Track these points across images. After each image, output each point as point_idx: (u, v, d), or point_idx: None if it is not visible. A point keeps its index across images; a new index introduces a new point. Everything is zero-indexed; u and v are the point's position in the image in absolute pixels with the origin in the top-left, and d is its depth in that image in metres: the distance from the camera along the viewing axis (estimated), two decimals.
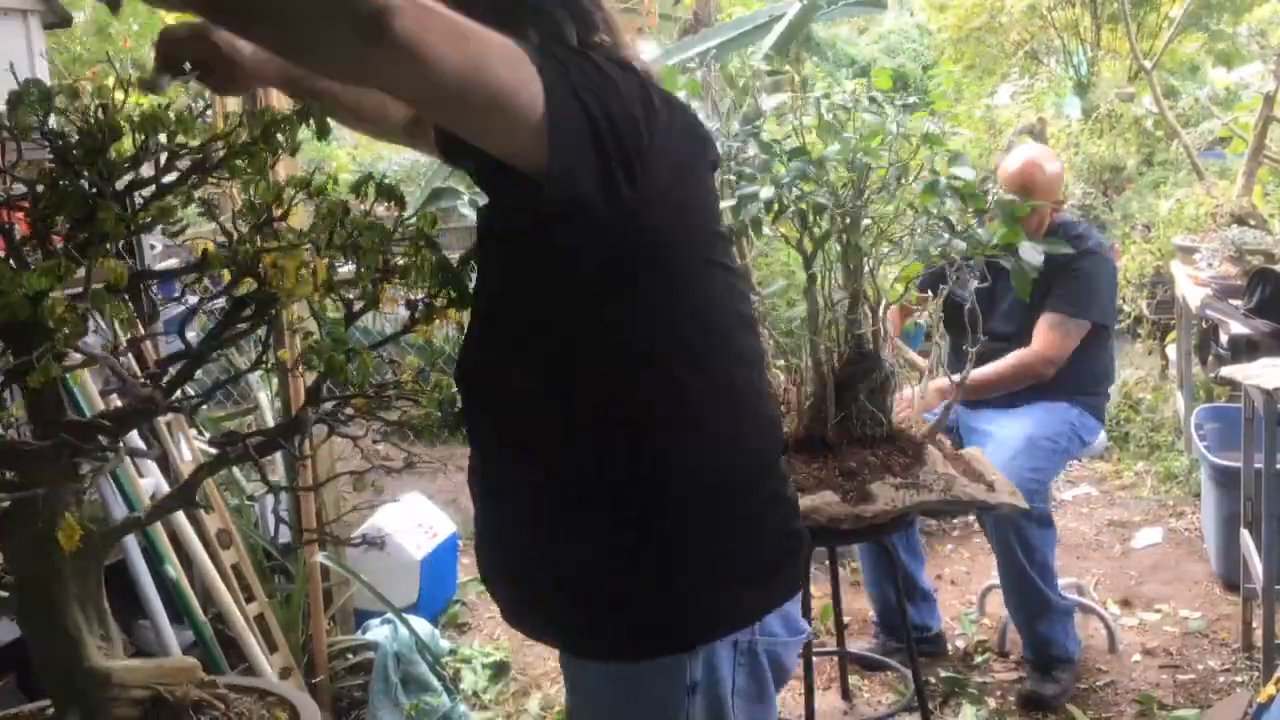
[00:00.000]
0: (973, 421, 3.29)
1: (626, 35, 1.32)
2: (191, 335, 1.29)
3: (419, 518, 3.67)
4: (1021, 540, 3.02)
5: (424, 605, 3.52)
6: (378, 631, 3.08)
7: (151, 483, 2.65)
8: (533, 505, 1.25)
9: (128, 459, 2.52)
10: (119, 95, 1.21)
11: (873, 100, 2.37)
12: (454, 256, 1.33)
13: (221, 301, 1.29)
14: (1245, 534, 3.27)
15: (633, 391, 1.19)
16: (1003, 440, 3.09)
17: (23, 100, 1.12)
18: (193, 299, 1.30)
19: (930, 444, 2.47)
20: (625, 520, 1.21)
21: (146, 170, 1.25)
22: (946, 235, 2.32)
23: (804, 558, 1.88)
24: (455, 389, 1.29)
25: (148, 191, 1.24)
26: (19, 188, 1.21)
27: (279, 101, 2.41)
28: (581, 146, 1.09)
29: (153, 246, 2.87)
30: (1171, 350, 5.62)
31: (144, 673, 1.35)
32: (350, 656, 3.06)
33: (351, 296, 1.30)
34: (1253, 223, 4.90)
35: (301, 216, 1.40)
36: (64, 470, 1.19)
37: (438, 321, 1.30)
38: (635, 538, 1.21)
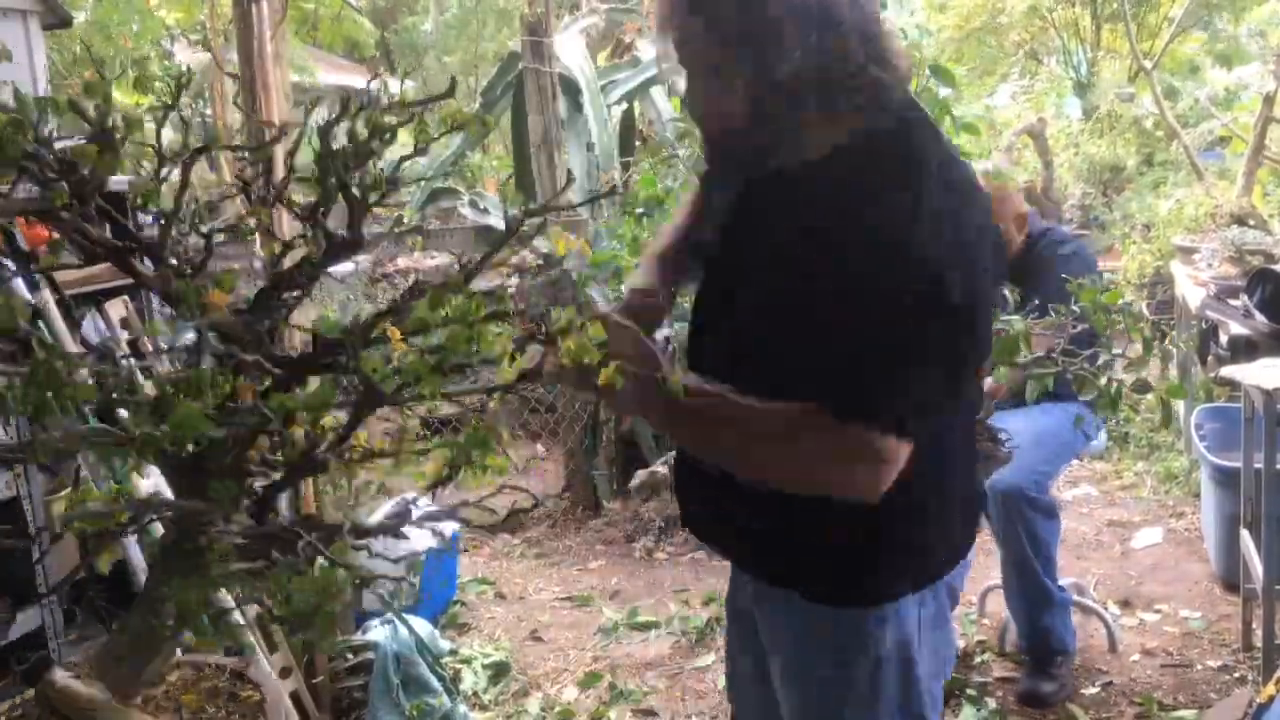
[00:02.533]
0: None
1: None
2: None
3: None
4: (1028, 531, 3.06)
5: (424, 606, 3.53)
6: (378, 632, 3.08)
7: (151, 484, 2.65)
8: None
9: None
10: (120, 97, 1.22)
11: None
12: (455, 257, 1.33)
13: None
14: (1245, 534, 3.27)
15: None
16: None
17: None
18: None
19: None
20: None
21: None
22: None
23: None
24: None
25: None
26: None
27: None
28: None
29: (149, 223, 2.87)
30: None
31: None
32: (350, 657, 3.06)
33: None
34: (1252, 223, 4.91)
35: None
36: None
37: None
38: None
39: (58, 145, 1.13)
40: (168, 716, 1.50)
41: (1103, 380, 2.44)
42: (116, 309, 2.92)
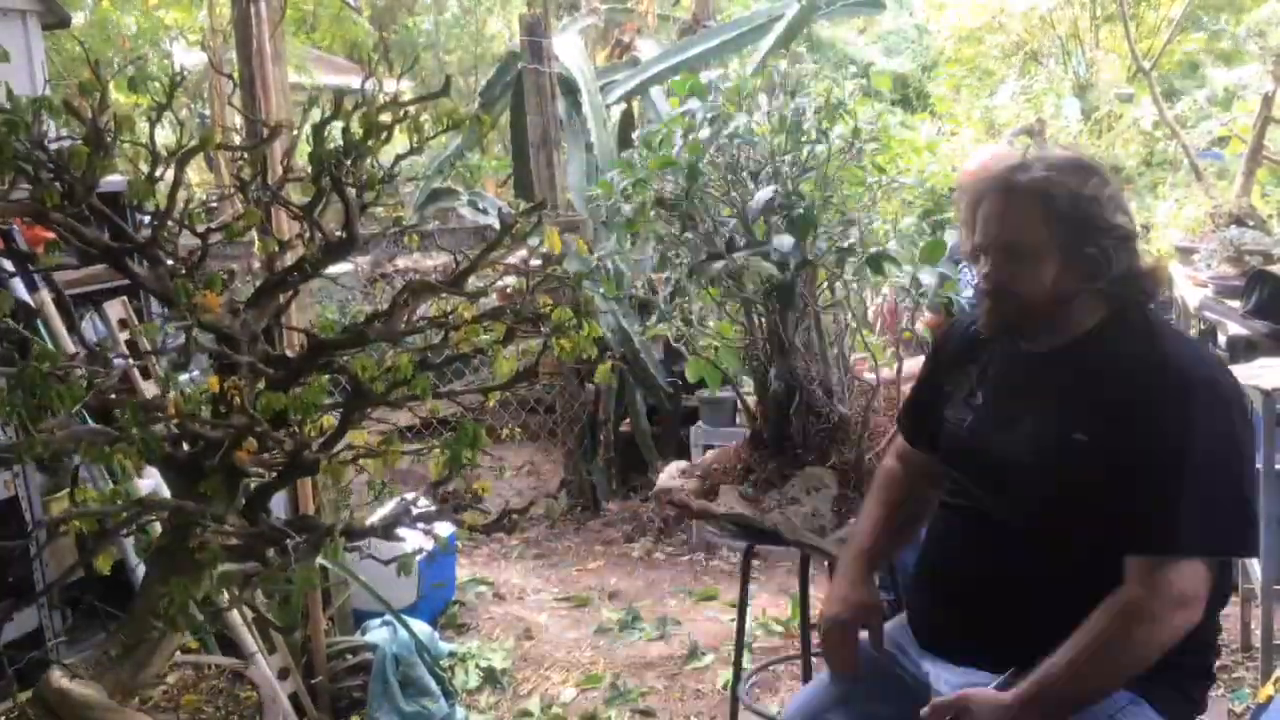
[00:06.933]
0: None
1: None
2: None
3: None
4: None
5: (423, 606, 3.52)
6: (377, 633, 3.08)
7: (150, 484, 2.64)
8: None
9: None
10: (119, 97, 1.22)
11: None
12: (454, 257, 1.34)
13: None
14: None
15: None
16: None
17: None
18: None
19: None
20: None
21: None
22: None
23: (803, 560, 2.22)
24: None
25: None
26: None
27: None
28: None
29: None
30: None
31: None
32: (349, 657, 3.06)
33: None
34: (1251, 223, 4.91)
35: None
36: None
37: None
38: None
39: (51, 145, 1.13)
40: (167, 717, 1.50)
41: None
42: (115, 309, 2.92)
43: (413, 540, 3.37)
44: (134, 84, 1.24)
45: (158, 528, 2.56)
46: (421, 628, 3.17)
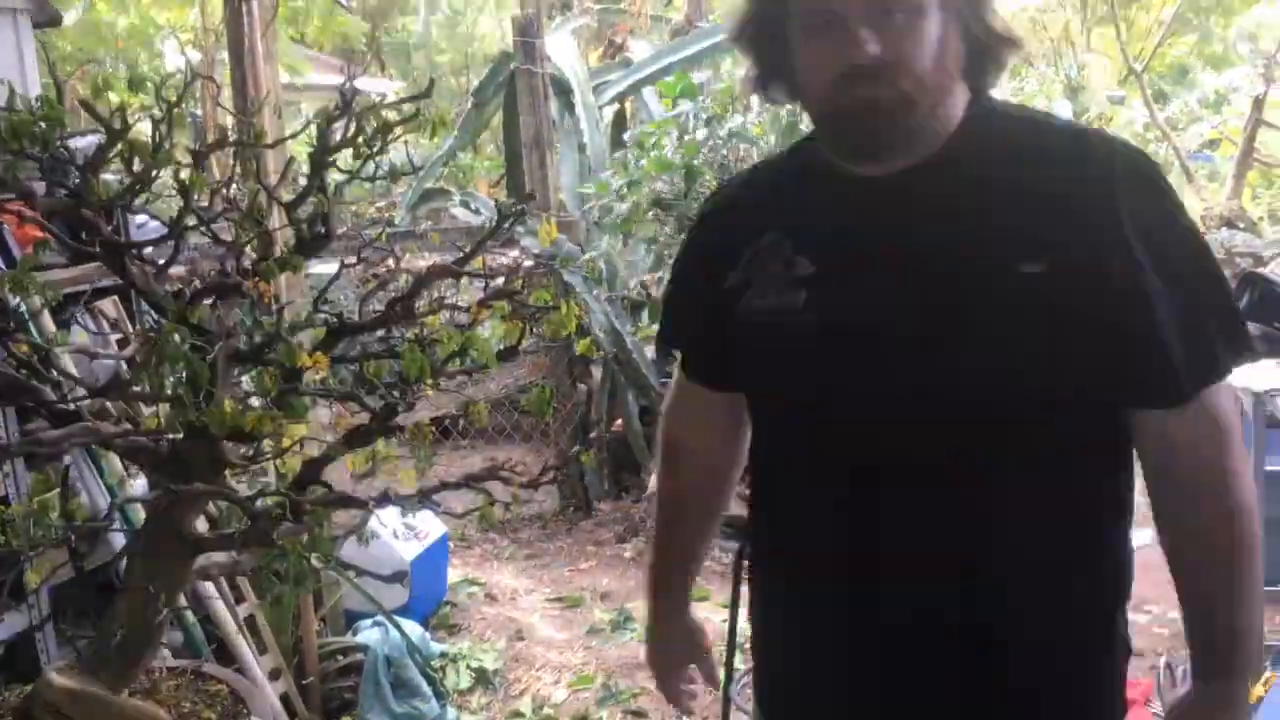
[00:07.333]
0: None
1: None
2: None
3: (409, 518, 3.66)
4: None
5: (414, 607, 3.52)
6: (368, 634, 3.08)
7: (143, 485, 2.64)
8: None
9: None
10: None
11: None
12: (446, 258, 1.35)
13: None
14: None
15: None
16: None
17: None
18: None
19: None
20: None
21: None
22: None
23: None
24: None
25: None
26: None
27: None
28: None
29: (140, 225, 2.86)
30: None
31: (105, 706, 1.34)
32: (340, 658, 3.05)
33: None
34: (1242, 225, 4.94)
35: None
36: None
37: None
38: None
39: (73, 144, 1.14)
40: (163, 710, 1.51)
41: None
42: (106, 309, 2.91)
43: (405, 549, 3.36)
44: (133, 84, 1.24)
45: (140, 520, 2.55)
46: (413, 628, 3.17)
